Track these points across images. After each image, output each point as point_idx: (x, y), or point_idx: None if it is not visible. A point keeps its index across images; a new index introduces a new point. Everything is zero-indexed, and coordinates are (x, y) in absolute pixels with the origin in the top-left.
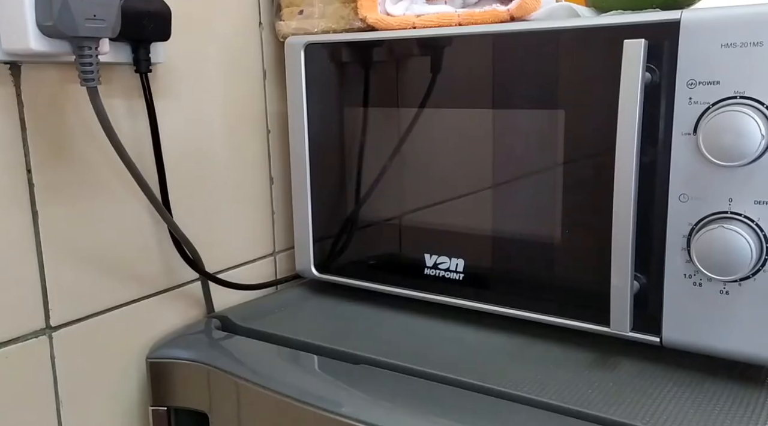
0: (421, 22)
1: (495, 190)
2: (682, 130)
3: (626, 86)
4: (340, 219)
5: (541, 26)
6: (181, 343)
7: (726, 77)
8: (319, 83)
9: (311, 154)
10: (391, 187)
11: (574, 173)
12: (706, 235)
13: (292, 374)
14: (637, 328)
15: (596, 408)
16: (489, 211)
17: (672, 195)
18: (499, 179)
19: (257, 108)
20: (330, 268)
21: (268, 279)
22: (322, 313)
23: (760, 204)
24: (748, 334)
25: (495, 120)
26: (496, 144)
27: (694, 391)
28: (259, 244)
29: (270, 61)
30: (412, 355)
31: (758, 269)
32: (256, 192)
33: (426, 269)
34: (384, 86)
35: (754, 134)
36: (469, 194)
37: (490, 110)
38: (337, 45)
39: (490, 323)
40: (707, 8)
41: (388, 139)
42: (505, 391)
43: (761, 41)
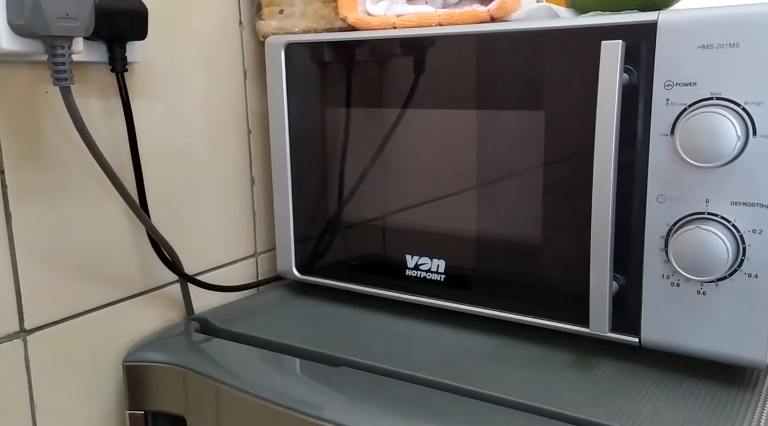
0: (402, 22)
1: (476, 191)
2: (660, 131)
3: (604, 87)
4: (322, 220)
5: (520, 27)
6: (158, 345)
7: (702, 78)
8: (300, 83)
9: (292, 155)
10: (373, 188)
11: (555, 174)
12: (684, 236)
13: (272, 377)
14: (616, 329)
15: (575, 409)
16: (470, 211)
17: (650, 196)
18: (481, 180)
19: (238, 108)
20: (312, 270)
21: (249, 280)
22: (303, 315)
23: (737, 205)
24: (725, 334)
25: (476, 121)
26: (477, 145)
27: (671, 391)
28: (240, 245)
29: (251, 61)
30: (393, 357)
31: (734, 270)
32: (237, 192)
33: (407, 270)
34: (366, 86)
35: (730, 135)
36: (450, 195)
37: (472, 111)
38: (318, 45)
39: (471, 324)
40: (684, 10)
41: (371, 139)
42: (485, 392)
43: (737, 43)
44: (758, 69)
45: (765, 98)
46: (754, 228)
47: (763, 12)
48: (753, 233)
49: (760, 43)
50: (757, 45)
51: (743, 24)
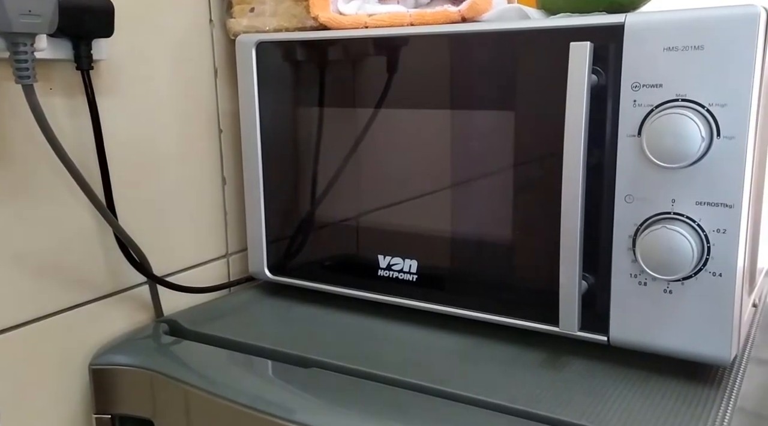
0: (373, 22)
1: (448, 191)
2: (627, 132)
3: (572, 88)
4: (295, 220)
5: (491, 27)
6: (125, 348)
7: (668, 80)
8: (272, 82)
9: (264, 154)
10: (345, 188)
11: (525, 174)
12: (651, 236)
13: (242, 379)
14: (586, 328)
15: (545, 408)
16: (442, 211)
17: (618, 196)
18: (453, 180)
19: (208, 107)
20: (284, 270)
21: (221, 281)
22: (274, 316)
23: (701, 205)
24: (691, 332)
25: (448, 121)
26: (449, 145)
27: (639, 389)
28: (212, 245)
29: (221, 59)
30: (365, 358)
31: (700, 269)
32: (208, 192)
33: (380, 270)
34: (339, 86)
35: (695, 136)
36: (422, 195)
37: (444, 111)
38: (290, 44)
39: (442, 324)
40: (650, 12)
41: (344, 139)
42: (456, 392)
43: (701, 45)
44: (722, 71)
45: (728, 100)
46: (718, 227)
47: (726, 15)
48: (717, 233)
49: (723, 46)
50: (720, 47)
51: (707, 26)
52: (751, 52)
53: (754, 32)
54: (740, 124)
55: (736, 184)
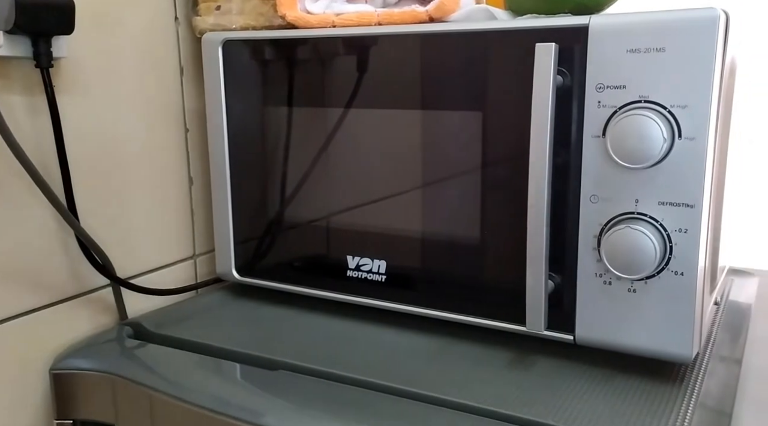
0: (341, 21)
1: (417, 191)
2: (592, 133)
3: (538, 89)
4: (263, 220)
5: (458, 28)
6: (87, 352)
7: (631, 81)
8: (239, 81)
9: (231, 154)
10: (315, 189)
11: (492, 175)
12: (615, 235)
13: (208, 383)
14: (552, 327)
15: (511, 408)
16: (411, 212)
17: (583, 196)
18: (421, 181)
19: (174, 106)
20: (252, 271)
21: (188, 283)
22: (242, 318)
23: (664, 205)
24: (654, 331)
25: (417, 121)
26: (418, 145)
27: (604, 387)
28: (178, 246)
29: (187, 58)
30: (333, 359)
31: (662, 268)
32: (174, 193)
33: (348, 271)
34: (309, 85)
35: (657, 137)
36: (391, 196)
37: (413, 111)
38: (258, 42)
39: (412, 324)
40: (614, 14)
41: (313, 139)
42: (424, 393)
43: (663, 47)
44: (683, 73)
45: (689, 101)
46: (680, 227)
47: (686, 18)
48: (679, 232)
49: (684, 48)
50: (681, 49)
51: (668, 29)
52: (711, 55)
53: (714, 35)
54: (701, 126)
55: (697, 184)
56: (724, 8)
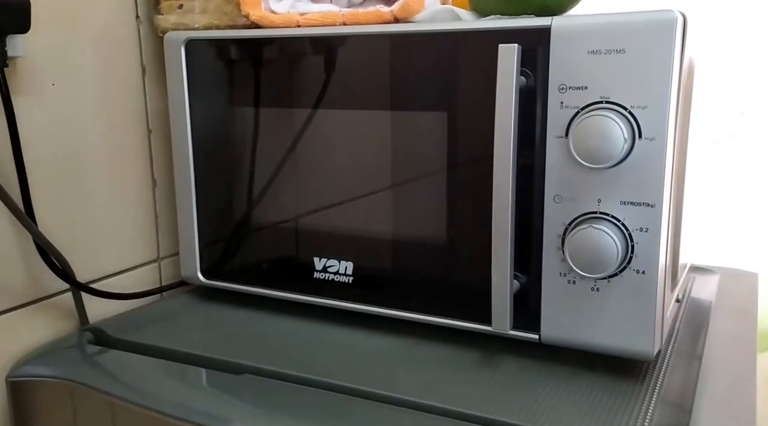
0: (305, 21)
1: (383, 192)
2: (555, 133)
3: (502, 90)
4: (229, 222)
5: (422, 28)
6: (45, 359)
7: (593, 82)
8: (203, 81)
9: (196, 155)
10: (282, 190)
11: (458, 175)
12: (578, 235)
13: (170, 388)
14: (518, 326)
15: (477, 408)
16: (377, 213)
17: (547, 196)
18: (387, 182)
19: (136, 107)
20: (218, 274)
21: (153, 286)
22: (207, 321)
23: (626, 204)
24: (617, 329)
25: (383, 122)
26: (385, 146)
27: (569, 386)
28: (142, 249)
29: (149, 57)
30: (299, 362)
31: (625, 267)
32: (137, 195)
33: (315, 273)
34: (275, 86)
35: (618, 138)
36: (358, 197)
37: (379, 112)
38: (222, 42)
39: (379, 326)
40: (576, 16)
41: (281, 140)
42: (390, 395)
43: (623, 49)
44: (642, 74)
45: (649, 102)
46: (641, 226)
47: (645, 20)
48: (640, 231)
49: (643, 49)
50: (640, 51)
51: (628, 31)
52: (669, 56)
53: (672, 36)
54: (660, 126)
55: (657, 184)
56: (682, 10)
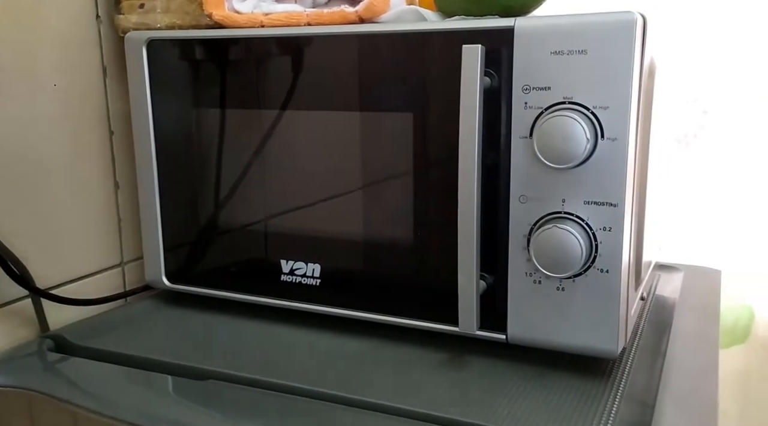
0: (270, 21)
1: (350, 194)
2: (520, 134)
3: (466, 90)
4: (194, 225)
5: (387, 29)
6: (4, 367)
7: (556, 83)
8: (166, 82)
9: (159, 157)
10: (248, 192)
11: (424, 176)
12: (543, 235)
13: (133, 396)
14: (485, 327)
15: (443, 409)
16: (344, 215)
17: (513, 196)
18: (355, 183)
19: (97, 108)
20: (183, 278)
21: (116, 291)
22: (172, 327)
23: (589, 204)
24: (582, 328)
25: (350, 123)
26: (351, 147)
27: (536, 385)
28: (105, 254)
29: (111, 57)
30: (265, 366)
31: (589, 266)
32: (99, 198)
33: (282, 275)
34: (241, 87)
35: (581, 138)
36: (325, 199)
37: (345, 113)
38: (185, 42)
39: (347, 328)
40: (539, 17)
41: (247, 141)
42: (357, 398)
43: (585, 49)
44: (604, 74)
45: (610, 103)
46: (604, 226)
47: (605, 21)
48: (604, 231)
49: (604, 50)
50: (601, 52)
51: (589, 32)
52: (630, 57)
53: (632, 37)
54: (621, 126)
55: (619, 183)
56: (642, 12)
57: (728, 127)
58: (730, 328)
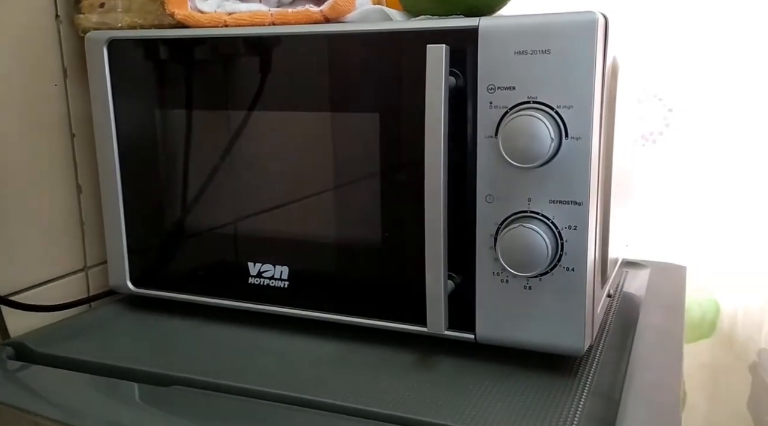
0: (233, 21)
1: (317, 195)
2: (486, 133)
3: (431, 90)
4: (160, 228)
5: (352, 29)
6: None
7: (520, 83)
8: (129, 83)
9: (122, 160)
10: (214, 194)
11: (391, 177)
12: (509, 234)
13: (97, 405)
14: (454, 327)
15: (411, 411)
16: (312, 216)
17: (479, 196)
18: (322, 184)
19: (58, 110)
20: (148, 282)
21: (80, 297)
22: (137, 332)
23: (554, 203)
24: (549, 326)
25: (316, 124)
26: (319, 149)
27: (504, 384)
28: (68, 258)
29: (71, 58)
30: (231, 371)
31: (555, 264)
32: (61, 202)
33: (250, 278)
34: (207, 87)
35: (545, 137)
36: (292, 201)
37: (312, 113)
38: (148, 42)
39: (316, 330)
40: (503, 16)
41: (213, 143)
42: (324, 401)
43: (549, 49)
44: (567, 74)
45: (574, 102)
46: (569, 224)
47: (567, 21)
48: (569, 229)
49: (567, 50)
50: (564, 51)
51: (552, 31)
52: (591, 56)
53: (593, 37)
54: (585, 125)
55: (583, 182)
56: (603, 11)
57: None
58: (697, 322)
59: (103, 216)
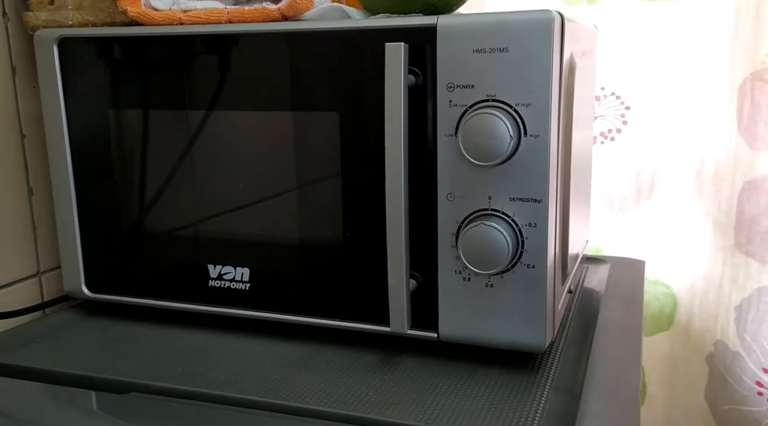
0: (188, 18)
1: (278, 196)
2: (446, 132)
3: (390, 89)
4: (116, 231)
5: (311, 27)
6: None
7: (479, 81)
8: (81, 82)
9: (75, 161)
10: (173, 196)
11: (352, 176)
12: (470, 232)
13: (52, 415)
14: (417, 326)
15: (375, 411)
16: (272, 217)
17: (440, 194)
18: (283, 185)
19: (7, 110)
20: (105, 286)
21: (33, 303)
22: (94, 339)
23: (515, 201)
24: (511, 323)
25: (275, 123)
26: (278, 148)
27: (467, 382)
28: (20, 263)
29: (20, 57)
30: (192, 376)
31: (516, 262)
32: (11, 205)
33: (210, 281)
34: (164, 86)
35: (504, 135)
36: (253, 202)
37: (271, 113)
38: (101, 40)
39: (278, 333)
40: (461, 15)
41: (171, 143)
42: (286, 404)
43: (506, 47)
44: (524, 72)
45: (532, 100)
46: (529, 222)
47: (524, 19)
48: (529, 227)
49: (524, 48)
50: (522, 50)
51: (510, 30)
52: (548, 54)
53: (549, 35)
54: (543, 123)
55: (542, 180)
56: (559, 10)
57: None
58: (656, 316)
59: (56, 219)
